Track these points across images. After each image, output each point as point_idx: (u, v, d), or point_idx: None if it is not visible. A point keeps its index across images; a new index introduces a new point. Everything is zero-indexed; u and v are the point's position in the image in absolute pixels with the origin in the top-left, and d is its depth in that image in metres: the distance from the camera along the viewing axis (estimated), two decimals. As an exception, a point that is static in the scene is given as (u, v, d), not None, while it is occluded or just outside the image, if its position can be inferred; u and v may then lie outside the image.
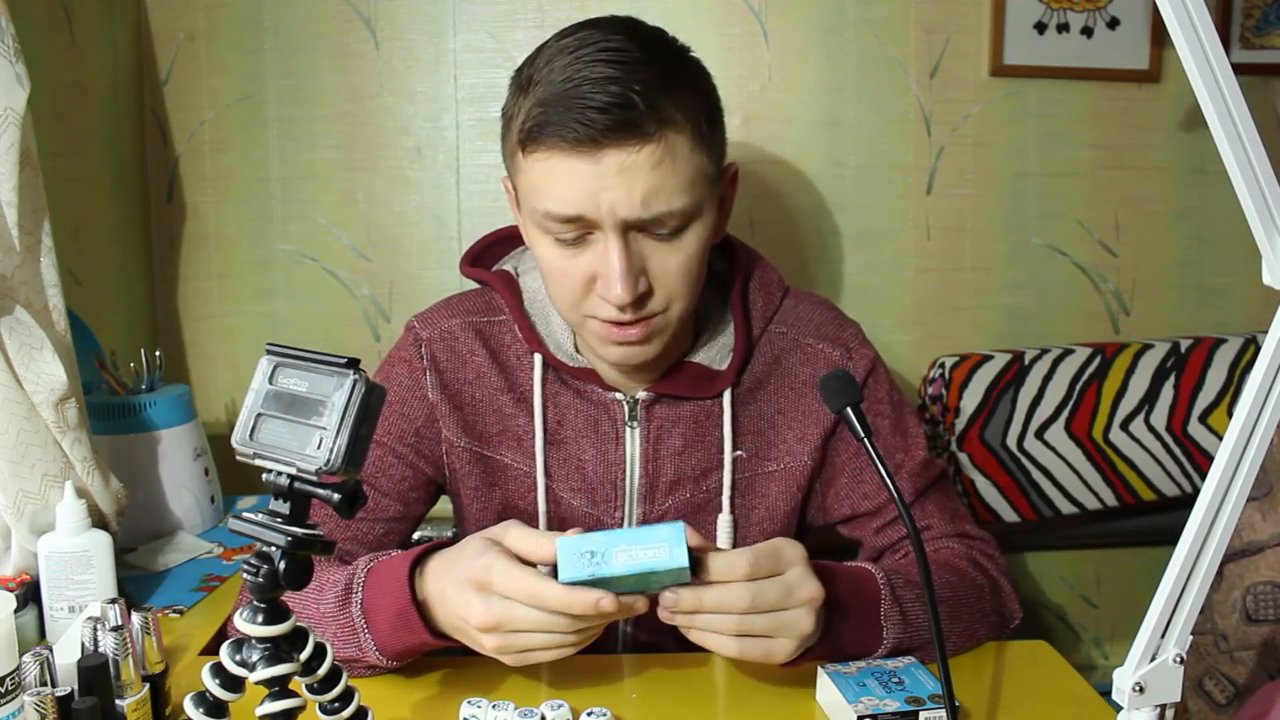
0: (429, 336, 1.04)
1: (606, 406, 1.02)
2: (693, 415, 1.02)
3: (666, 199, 0.87)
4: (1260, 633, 1.19)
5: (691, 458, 1.02)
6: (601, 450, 1.02)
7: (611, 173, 0.85)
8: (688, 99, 0.88)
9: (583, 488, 1.03)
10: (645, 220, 0.87)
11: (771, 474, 1.04)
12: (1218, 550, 0.67)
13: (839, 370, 0.81)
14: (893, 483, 0.75)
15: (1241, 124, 0.61)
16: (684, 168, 0.87)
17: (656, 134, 0.85)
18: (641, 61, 0.86)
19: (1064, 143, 1.67)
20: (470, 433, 1.03)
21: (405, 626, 0.83)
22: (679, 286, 0.92)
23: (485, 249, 1.11)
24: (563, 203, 0.87)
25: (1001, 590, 1.00)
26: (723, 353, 1.03)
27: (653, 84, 0.85)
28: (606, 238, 0.88)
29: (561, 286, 0.93)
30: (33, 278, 1.08)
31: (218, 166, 1.61)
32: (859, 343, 1.07)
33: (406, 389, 1.03)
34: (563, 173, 0.86)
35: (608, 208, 0.86)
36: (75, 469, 1.07)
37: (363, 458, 0.58)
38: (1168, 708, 0.69)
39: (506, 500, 1.05)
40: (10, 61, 1.01)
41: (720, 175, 0.96)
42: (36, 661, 0.75)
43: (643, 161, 0.85)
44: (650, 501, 1.03)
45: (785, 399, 1.04)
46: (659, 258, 0.90)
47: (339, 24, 1.58)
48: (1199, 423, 1.62)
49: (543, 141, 0.86)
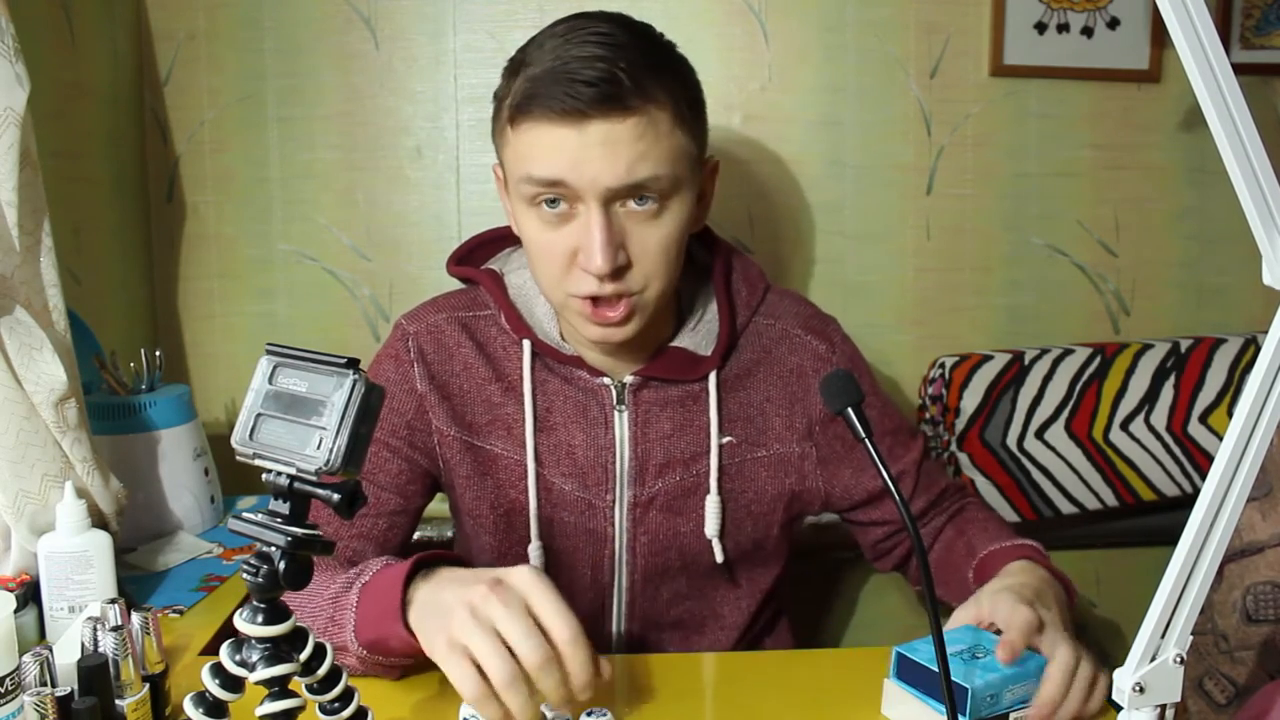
0: (415, 330, 1.07)
1: (595, 391, 1.04)
2: (679, 399, 1.05)
3: (651, 166, 0.90)
4: (1260, 633, 1.19)
5: (680, 441, 1.05)
6: (591, 435, 1.04)
7: (595, 142, 0.89)
8: (670, 81, 0.93)
9: (574, 472, 1.05)
10: (628, 187, 0.91)
11: (761, 459, 1.08)
12: (1218, 550, 0.67)
13: (840, 370, 0.81)
14: (896, 486, 0.73)
15: (1241, 124, 0.61)
16: (665, 141, 0.91)
17: (640, 108, 0.89)
18: (627, 45, 0.91)
19: (1064, 143, 1.66)
20: (460, 423, 1.05)
21: (387, 610, 0.82)
22: (657, 265, 0.95)
23: (472, 250, 1.14)
24: (546, 166, 0.90)
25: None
26: (707, 338, 1.06)
27: (637, 64, 0.90)
28: (588, 208, 0.91)
29: (545, 263, 0.96)
30: (33, 278, 1.08)
31: (218, 166, 1.61)
32: (841, 338, 1.13)
33: (395, 383, 1.05)
34: (549, 141, 0.90)
35: (590, 177, 0.89)
36: (75, 469, 1.07)
37: (362, 458, 0.58)
38: (1168, 708, 0.69)
39: (498, 490, 1.06)
40: (10, 61, 1.01)
41: (701, 161, 0.99)
42: (36, 661, 0.75)
43: (626, 133, 0.89)
44: (640, 484, 1.05)
45: (774, 387, 1.08)
46: (639, 233, 0.93)
47: (339, 24, 1.58)
48: (1199, 423, 1.62)
49: (530, 113, 0.90)
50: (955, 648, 0.82)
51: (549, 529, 1.06)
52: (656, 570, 1.08)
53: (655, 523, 1.06)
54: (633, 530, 1.06)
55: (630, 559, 1.07)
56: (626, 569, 1.08)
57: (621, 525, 1.06)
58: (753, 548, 1.10)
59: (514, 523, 1.07)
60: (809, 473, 1.10)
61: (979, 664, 0.80)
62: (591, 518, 1.06)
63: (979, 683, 0.78)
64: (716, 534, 1.06)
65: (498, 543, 1.08)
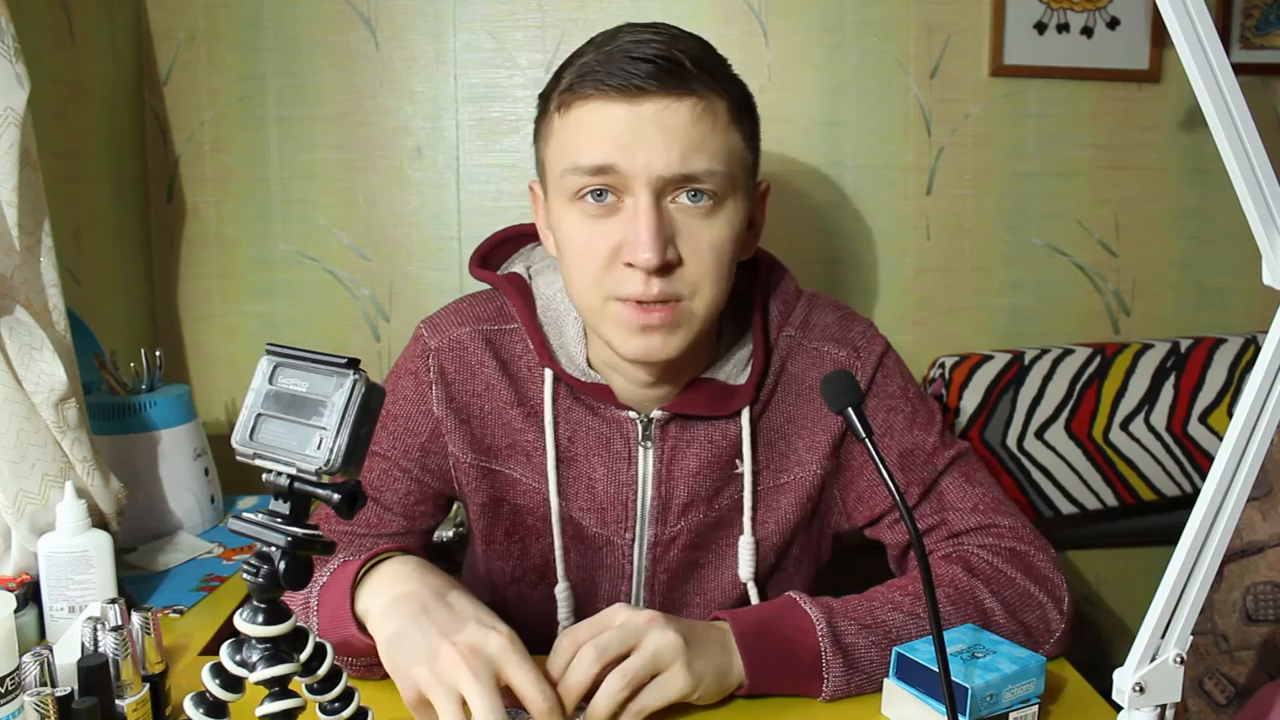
0: (437, 346, 1.00)
1: (620, 424, 0.98)
2: (708, 435, 0.99)
3: (707, 159, 0.85)
4: (1260, 633, 1.19)
5: (706, 479, 0.99)
6: (613, 469, 0.99)
7: (649, 123, 0.83)
8: (728, 79, 0.89)
9: (592, 507, 1.00)
10: (681, 176, 0.84)
11: (783, 486, 1.01)
12: (1218, 550, 0.67)
13: (840, 370, 0.79)
14: (897, 488, 0.72)
15: (1241, 124, 0.61)
16: (723, 135, 0.87)
17: (700, 92, 0.85)
18: (685, 38, 0.88)
19: (1064, 143, 1.66)
20: (477, 447, 1.01)
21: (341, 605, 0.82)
22: (708, 269, 0.88)
23: (494, 247, 1.07)
24: (595, 151, 0.85)
25: (1030, 601, 0.91)
26: (738, 366, 0.99)
27: (697, 52, 0.86)
28: (637, 199, 0.85)
29: (584, 262, 0.88)
30: (33, 278, 1.08)
31: (218, 166, 1.61)
32: (866, 340, 1.02)
33: (411, 403, 1.01)
34: (599, 120, 0.85)
35: (642, 162, 0.83)
36: (75, 469, 1.07)
37: (363, 458, 0.58)
38: (1168, 708, 0.69)
39: (514, 516, 1.03)
40: (10, 61, 1.01)
41: (754, 174, 0.94)
42: (36, 661, 0.75)
43: (684, 115, 0.84)
44: (662, 523, 1.00)
45: (793, 406, 1.01)
46: (690, 231, 0.87)
47: (339, 24, 1.58)
48: (1199, 423, 1.62)
49: (580, 92, 0.85)
50: (955, 648, 0.82)
51: (564, 560, 1.02)
52: (674, 603, 1.04)
53: (676, 560, 1.02)
54: (652, 568, 1.02)
55: (648, 596, 1.03)
56: (644, 604, 1.03)
57: (640, 564, 1.02)
58: (773, 574, 1.05)
59: (529, 550, 1.03)
60: (829, 491, 1.03)
61: (979, 664, 0.80)
62: (609, 554, 1.02)
63: (979, 683, 0.78)
64: (751, 577, 1.00)
65: (512, 568, 1.05)
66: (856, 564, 1.12)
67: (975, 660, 0.81)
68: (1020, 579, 0.92)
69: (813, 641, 0.85)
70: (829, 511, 1.05)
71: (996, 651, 0.82)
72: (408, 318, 1.63)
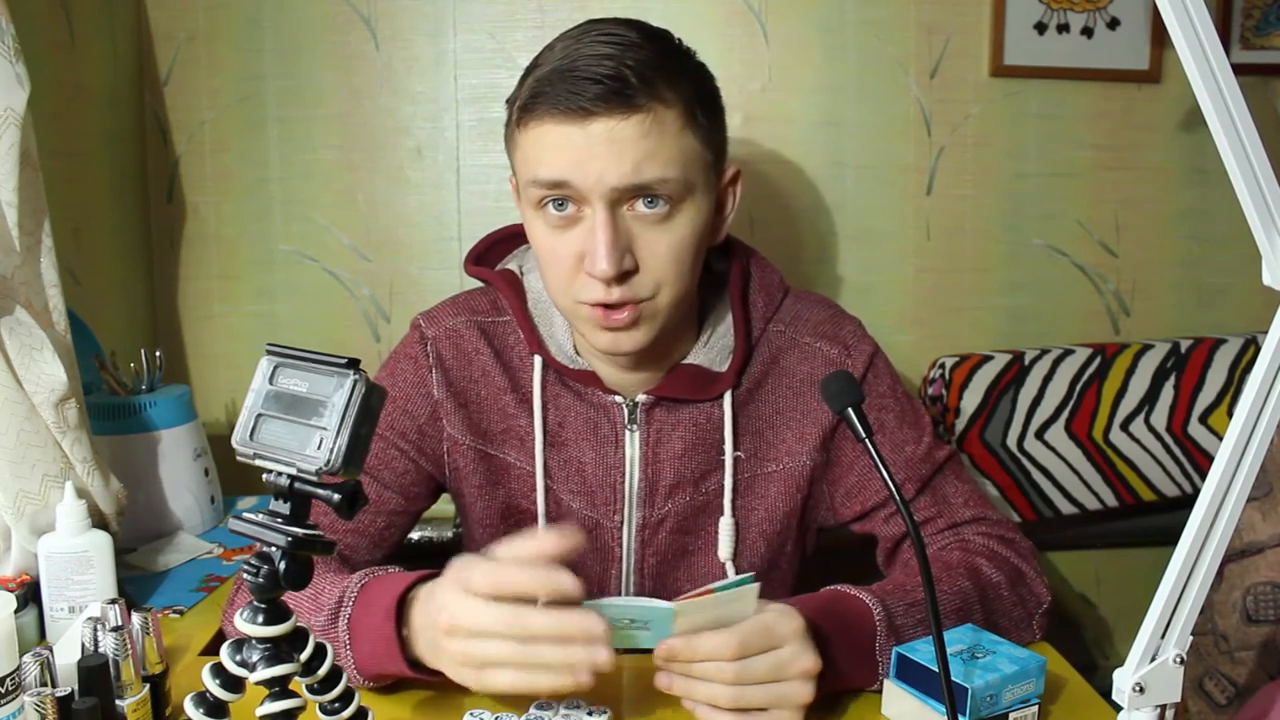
0: (434, 335, 1.05)
1: (606, 409, 1.02)
2: (692, 419, 1.02)
3: (659, 167, 0.88)
4: (1260, 633, 1.19)
5: (691, 461, 1.02)
6: (601, 453, 1.02)
7: (600, 141, 0.87)
8: (680, 82, 0.90)
9: (582, 490, 1.03)
10: (634, 187, 0.88)
11: (771, 474, 1.04)
12: (1218, 550, 0.67)
13: (840, 370, 0.81)
14: (894, 484, 0.74)
15: (1241, 124, 0.61)
16: (673, 142, 0.89)
17: (645, 106, 0.87)
18: (638, 45, 0.89)
19: (1064, 143, 1.66)
20: (474, 430, 1.04)
21: (386, 654, 0.81)
22: (667, 271, 0.92)
23: (489, 247, 1.11)
24: (550, 167, 0.89)
25: (1024, 576, 0.98)
26: (722, 354, 1.03)
27: (646, 63, 0.88)
28: (594, 212, 0.89)
29: (553, 269, 0.94)
30: (33, 278, 1.08)
31: (218, 166, 1.61)
32: (857, 339, 1.05)
33: (411, 385, 1.04)
34: (553, 139, 0.88)
35: (595, 176, 0.87)
36: (75, 469, 1.07)
37: (363, 458, 0.58)
38: (1168, 708, 0.69)
39: (509, 500, 1.05)
40: (10, 62, 1.01)
41: (718, 168, 0.96)
42: (36, 662, 0.75)
43: (631, 130, 0.87)
44: (650, 505, 1.03)
45: (783, 399, 1.04)
46: (647, 238, 0.91)
47: (339, 24, 1.58)
48: (1199, 423, 1.62)
49: (535, 112, 0.89)
50: (955, 648, 0.82)
51: None
52: (663, 588, 1.06)
53: (664, 543, 1.04)
54: (640, 551, 1.04)
55: (638, 579, 1.05)
56: (634, 588, 1.06)
57: (629, 546, 1.04)
58: (767, 568, 1.06)
59: (522, 532, 1.05)
60: (818, 484, 1.05)
61: (979, 664, 0.80)
62: (599, 536, 1.04)
63: (979, 683, 0.78)
64: (730, 556, 1.03)
65: None
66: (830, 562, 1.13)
67: (975, 660, 0.81)
68: (1013, 557, 0.99)
69: (869, 625, 0.86)
70: (816, 506, 1.07)
71: (996, 652, 0.82)
72: (407, 318, 1.60)
